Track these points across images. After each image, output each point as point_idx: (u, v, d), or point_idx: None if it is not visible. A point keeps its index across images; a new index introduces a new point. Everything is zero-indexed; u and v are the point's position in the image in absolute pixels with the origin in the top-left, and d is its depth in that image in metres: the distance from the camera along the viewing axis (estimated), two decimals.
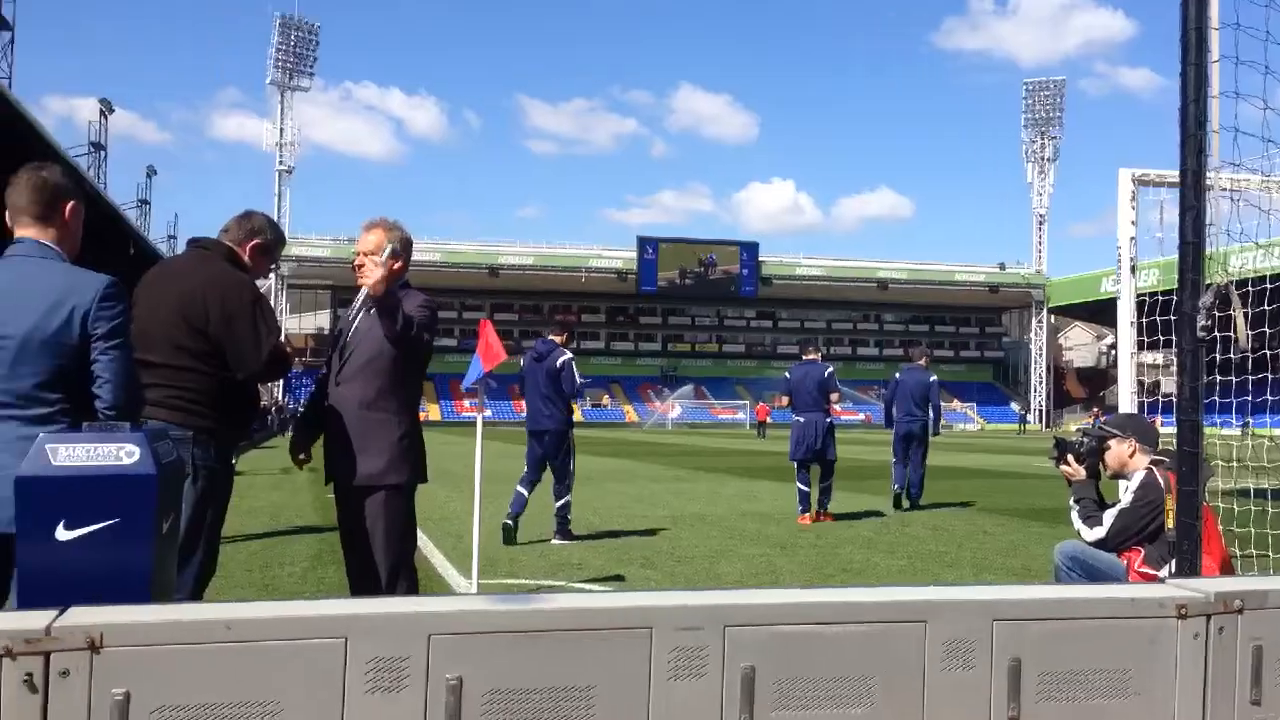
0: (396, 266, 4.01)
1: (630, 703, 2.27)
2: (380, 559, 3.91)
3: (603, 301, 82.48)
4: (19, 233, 2.93)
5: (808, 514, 10.76)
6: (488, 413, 8.57)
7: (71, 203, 3.02)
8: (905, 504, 12.24)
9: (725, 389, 79.69)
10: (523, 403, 9.41)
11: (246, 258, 3.87)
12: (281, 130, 73.84)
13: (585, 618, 2.31)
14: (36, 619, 2.02)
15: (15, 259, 2.90)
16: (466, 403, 66.06)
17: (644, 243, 79.09)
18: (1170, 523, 4.27)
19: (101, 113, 54.76)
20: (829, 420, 10.80)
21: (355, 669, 2.13)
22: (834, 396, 10.82)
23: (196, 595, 3.55)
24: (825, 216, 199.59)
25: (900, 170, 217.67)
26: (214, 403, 3.58)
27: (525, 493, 9.08)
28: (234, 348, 3.57)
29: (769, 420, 50.24)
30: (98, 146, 53.08)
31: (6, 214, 2.97)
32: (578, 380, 9.15)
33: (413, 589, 4.12)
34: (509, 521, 8.89)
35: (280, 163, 73.26)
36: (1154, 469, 4.53)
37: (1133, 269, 7.27)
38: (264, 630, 2.12)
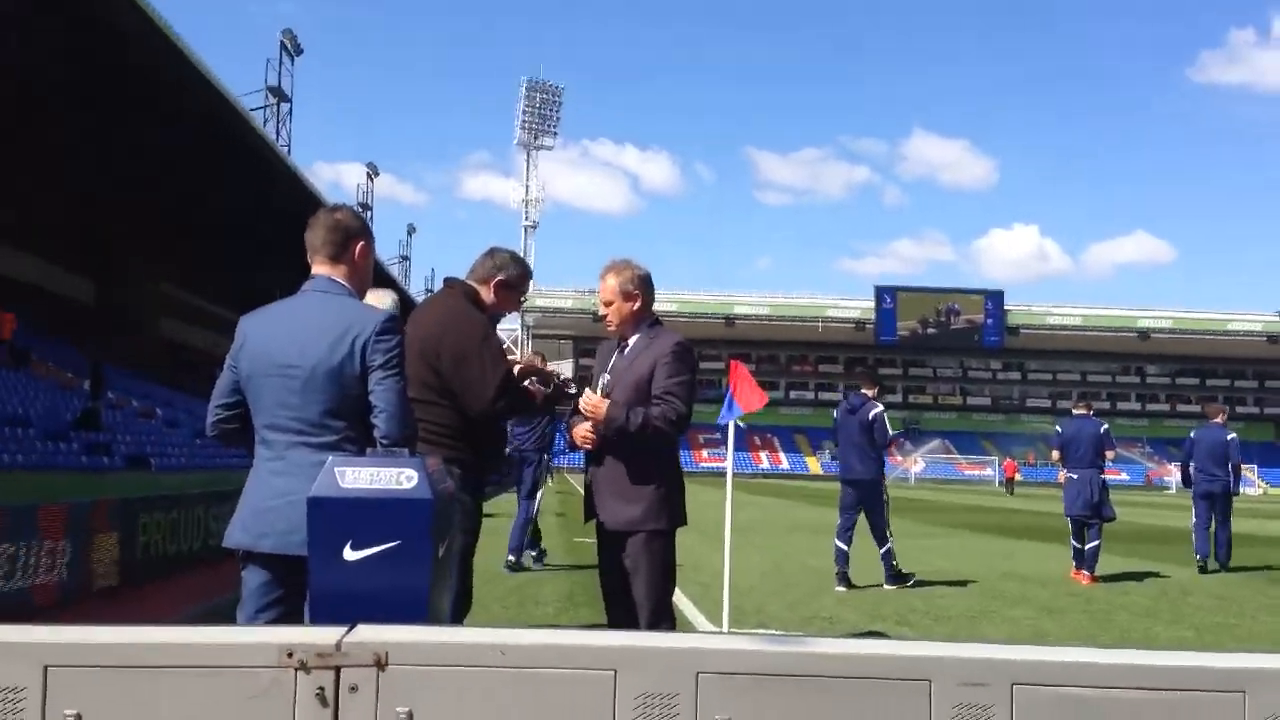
0: (635, 308, 4.02)
1: None
2: (642, 600, 3.89)
3: (840, 352, 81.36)
4: (315, 270, 3.13)
5: (1082, 570, 10.44)
6: (785, 464, 8.59)
7: (361, 243, 3.19)
8: (1214, 567, 11.58)
9: (970, 444, 76.54)
10: (761, 454, 9.75)
11: (491, 293, 3.96)
12: (527, 188, 77.70)
13: (861, 665, 2.18)
14: (328, 635, 2.10)
15: (308, 294, 3.10)
16: (704, 453, 66.51)
17: (882, 292, 77.67)
18: None
19: (368, 175, 59.44)
20: (1104, 477, 10.60)
21: (624, 702, 2.09)
22: (1109, 454, 10.68)
23: (456, 623, 3.64)
24: (1074, 263, 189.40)
25: (1156, 213, 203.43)
26: (459, 435, 3.67)
27: (845, 547, 9.46)
28: (463, 385, 3.66)
29: (1018, 477, 47.74)
30: (365, 207, 57.56)
31: (308, 254, 3.18)
32: (889, 431, 9.55)
33: (673, 630, 4.09)
34: (843, 569, 9.35)
35: (525, 218, 77.00)
36: None
37: None
38: (536, 657, 2.11)
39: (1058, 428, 11.12)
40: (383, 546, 2.47)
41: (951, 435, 76.82)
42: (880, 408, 9.56)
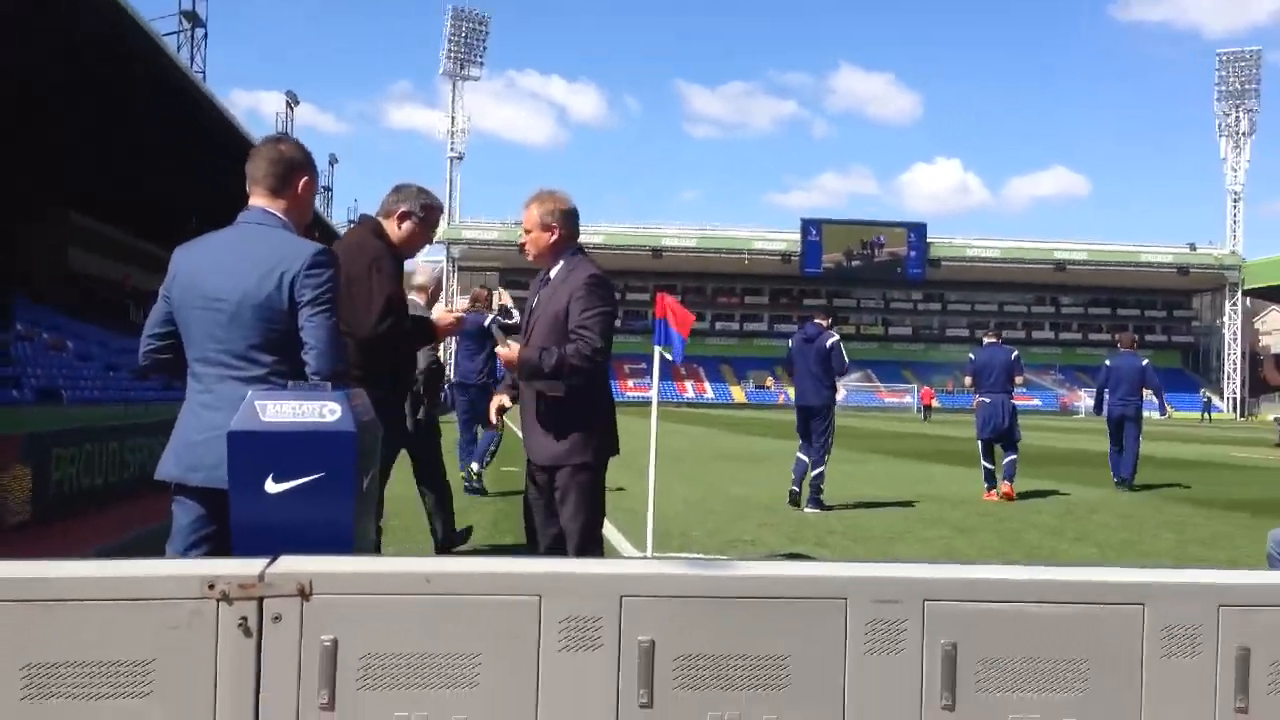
0: (553, 240, 4.00)
1: (825, 675, 2.19)
2: (570, 532, 3.92)
3: (766, 284, 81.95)
4: (251, 202, 3.05)
5: (994, 491, 11.00)
6: (710, 394, 8.74)
7: (305, 177, 3.12)
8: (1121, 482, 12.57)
9: (891, 372, 77.99)
10: (686, 383, 10.03)
11: (396, 226, 3.95)
12: (452, 119, 76.15)
13: (780, 585, 2.24)
14: (250, 566, 2.10)
15: (241, 226, 3.03)
16: (630, 382, 66.83)
17: (808, 224, 78.14)
18: None
19: (288, 104, 57.73)
20: (1013, 402, 11.23)
21: (549, 627, 2.13)
22: (1019, 379, 11.28)
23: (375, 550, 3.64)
24: (994, 197, 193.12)
25: (1075, 148, 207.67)
26: (359, 364, 3.63)
27: (805, 457, 10.02)
28: (349, 310, 3.61)
29: (935, 404, 48.86)
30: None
31: (247, 184, 3.10)
32: (846, 359, 10.05)
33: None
34: (795, 488, 9.86)
35: (451, 150, 75.58)
36: None
37: None
38: (462, 584, 2.14)
39: (971, 355, 11.62)
40: (306, 479, 2.46)
41: (874, 364, 78.14)
42: (836, 337, 10.00)
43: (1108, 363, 12.99)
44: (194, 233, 3.15)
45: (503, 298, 12.17)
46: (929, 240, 78.31)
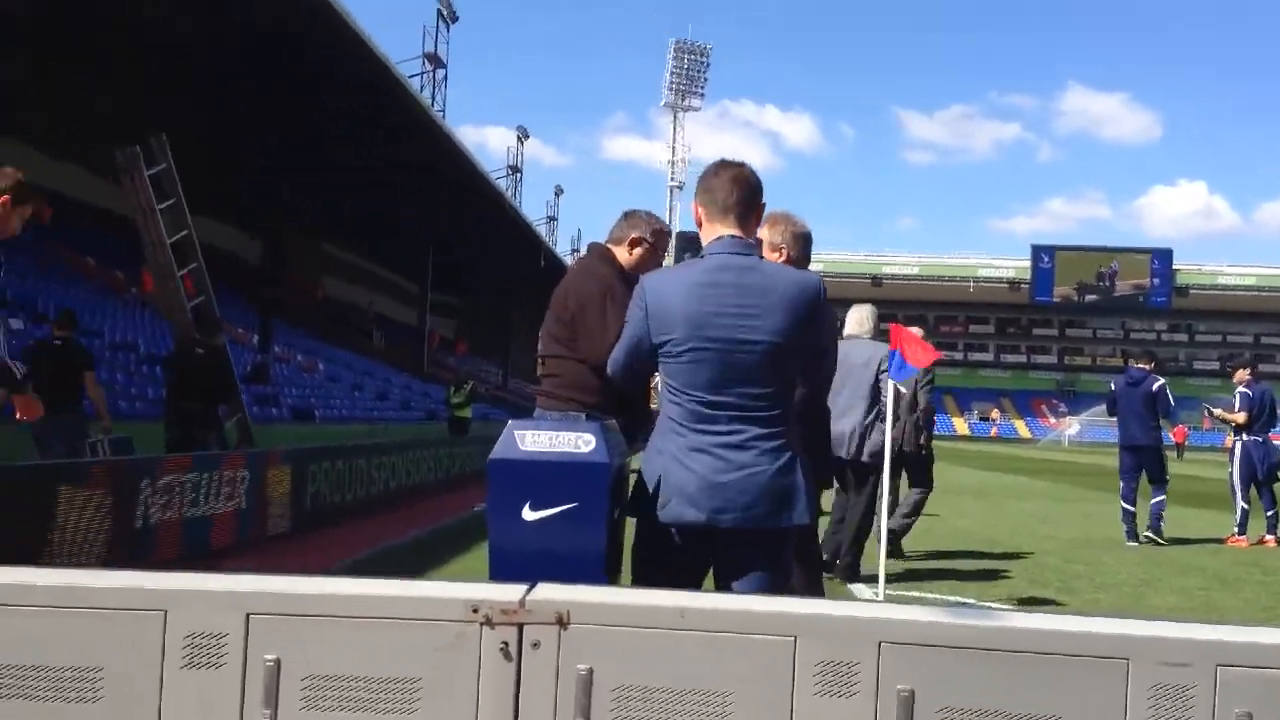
0: (782, 262, 3.93)
1: None
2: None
3: (992, 313, 78.84)
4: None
5: (1242, 536, 10.51)
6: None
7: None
8: None
9: None
10: None
11: (627, 252, 3.88)
12: (673, 148, 77.55)
13: (1051, 640, 2.10)
14: (511, 592, 2.14)
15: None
16: None
17: (1039, 251, 74.76)
18: None
19: (518, 139, 60.32)
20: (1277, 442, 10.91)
21: (803, 669, 2.07)
22: None
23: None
24: (1244, 221, 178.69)
25: None
26: (593, 390, 3.49)
27: (1130, 508, 10.27)
28: (582, 334, 3.55)
29: (1186, 442, 45.59)
30: (515, 169, 58.48)
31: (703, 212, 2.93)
32: (1172, 403, 10.58)
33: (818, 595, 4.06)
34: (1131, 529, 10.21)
35: (671, 179, 76.93)
36: None
37: None
38: (715, 621, 2.11)
39: (1246, 390, 10.93)
40: (560, 508, 2.50)
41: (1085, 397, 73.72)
42: (1162, 381, 10.41)
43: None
44: (434, 263, 3.23)
45: None
46: (1175, 267, 73.34)
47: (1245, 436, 10.79)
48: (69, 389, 8.10)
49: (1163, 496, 10.30)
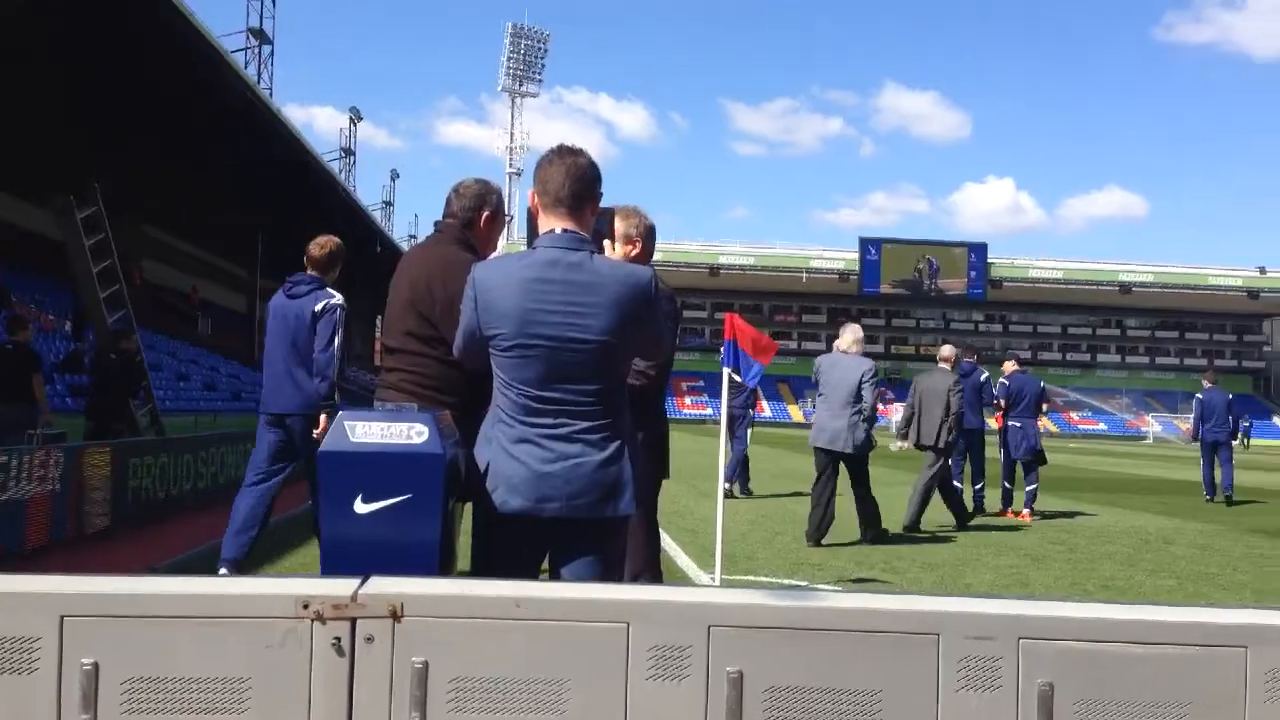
0: (634, 255, 4.01)
1: (917, 711, 2.15)
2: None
3: (823, 302, 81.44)
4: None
5: (1010, 510, 11.93)
6: (766, 411, 8.95)
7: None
8: (1220, 499, 14.42)
9: None
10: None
11: (483, 229, 3.75)
12: (511, 135, 76.91)
13: (870, 619, 2.20)
14: (343, 586, 2.11)
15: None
16: (688, 400, 66.75)
17: (866, 243, 77.58)
18: None
19: (351, 121, 58.65)
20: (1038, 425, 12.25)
21: (637, 654, 2.11)
22: (1045, 406, 12.72)
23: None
24: (1049, 216, 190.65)
25: (1129, 168, 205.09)
26: (451, 388, 3.46)
27: (959, 485, 11.32)
28: (451, 332, 3.31)
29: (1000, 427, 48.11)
30: (348, 152, 56.88)
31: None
32: (994, 391, 11.93)
33: (657, 581, 4.13)
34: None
35: (509, 165, 76.31)
36: None
37: None
38: (551, 610, 2.13)
39: (1004, 380, 12.21)
40: (394, 500, 2.47)
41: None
42: (987, 373, 11.90)
43: (1201, 397, 15.29)
44: (265, 248, 3.13)
45: None
46: (989, 260, 77.34)
47: (1007, 422, 12.10)
48: (22, 387, 9.79)
49: (983, 483, 11.73)
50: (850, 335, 9.00)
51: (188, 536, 8.34)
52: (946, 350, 11.05)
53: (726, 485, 11.14)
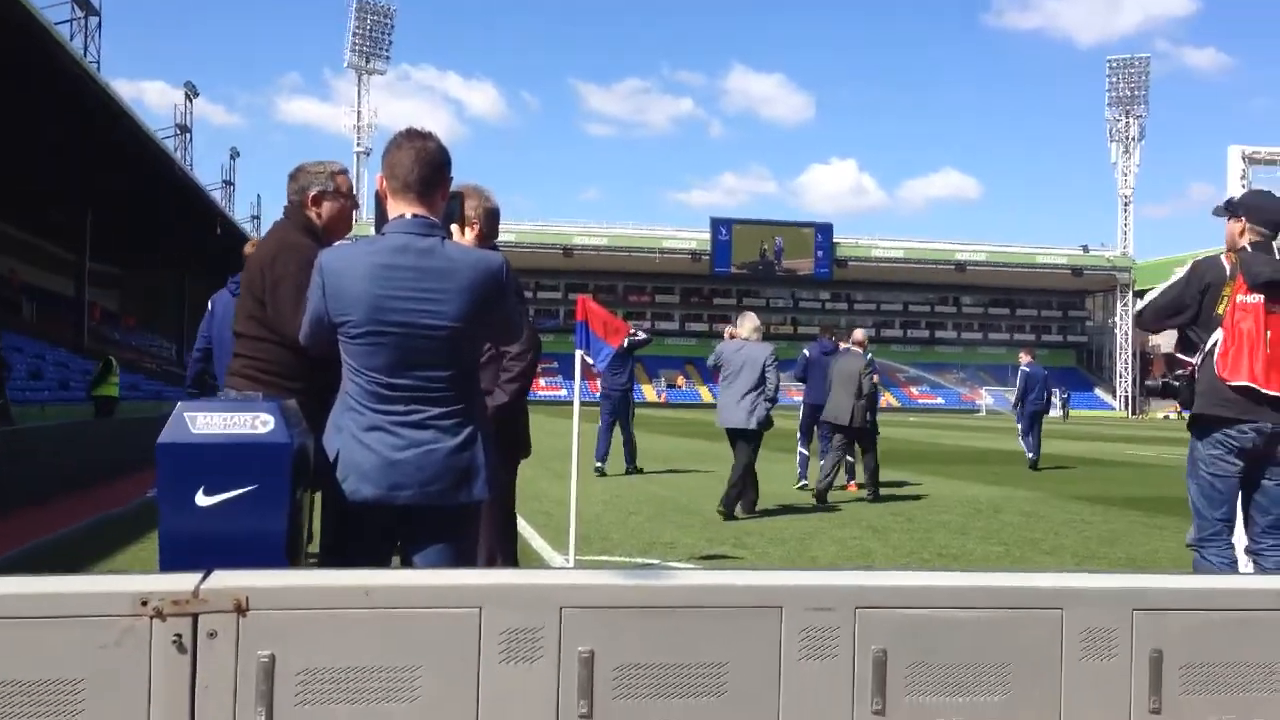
0: (474, 236, 3.96)
1: (761, 681, 2.24)
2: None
3: (677, 283, 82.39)
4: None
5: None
6: (561, 391, 9.05)
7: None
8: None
9: None
10: (598, 382, 13.28)
11: (316, 212, 3.64)
12: (358, 113, 74.85)
13: (718, 595, 2.28)
14: (184, 581, 2.05)
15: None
16: (542, 381, 66.65)
17: (717, 224, 78.77)
18: (1221, 309, 4.16)
19: (187, 96, 56.11)
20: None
21: (490, 638, 2.13)
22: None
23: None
24: (890, 198, 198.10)
25: (962, 151, 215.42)
26: (293, 374, 3.36)
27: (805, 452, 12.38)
28: (275, 314, 3.36)
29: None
30: (183, 129, 54.40)
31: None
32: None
33: (512, 565, 4.16)
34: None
35: (358, 144, 74.28)
36: (1242, 252, 4.29)
37: None
38: (402, 597, 2.13)
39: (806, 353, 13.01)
40: (238, 491, 2.42)
41: (782, 363, 78.89)
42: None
43: (1027, 370, 16.60)
44: (93, 229, 3.01)
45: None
46: (835, 240, 79.64)
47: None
48: None
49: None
50: (750, 323, 9.73)
51: (13, 535, 7.91)
52: (859, 334, 12.04)
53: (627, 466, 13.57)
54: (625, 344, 12.13)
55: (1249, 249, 4.28)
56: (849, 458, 12.28)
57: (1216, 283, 4.29)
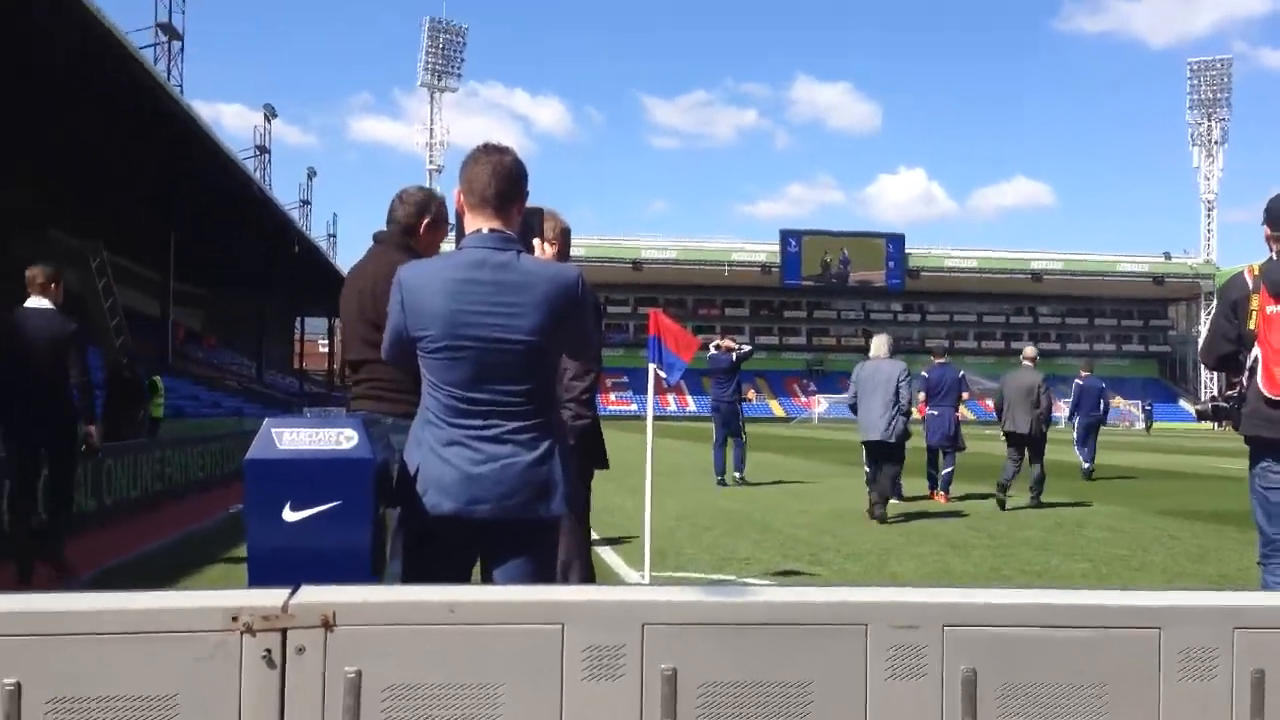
0: (550, 256, 4.01)
1: (846, 701, 2.20)
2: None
3: (746, 295, 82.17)
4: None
5: (939, 492, 12.68)
6: (692, 406, 9.20)
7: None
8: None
9: None
10: (669, 396, 12.38)
11: (424, 235, 3.78)
12: (431, 131, 76.06)
13: (801, 612, 2.25)
14: (273, 597, 2.08)
15: None
16: (612, 395, 66.90)
17: (787, 236, 78.49)
18: (1252, 323, 3.99)
19: (266, 118, 57.59)
20: (957, 414, 13.20)
21: (572, 655, 2.13)
22: (965, 395, 13.34)
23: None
24: (960, 207, 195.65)
25: (1034, 157, 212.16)
26: (413, 390, 3.34)
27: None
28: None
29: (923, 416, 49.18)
30: (262, 150, 55.79)
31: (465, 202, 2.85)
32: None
33: (589, 581, 4.16)
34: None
35: (430, 162, 75.46)
36: (1266, 262, 4.11)
37: None
38: (484, 614, 2.13)
39: (924, 373, 12.96)
40: (323, 507, 2.45)
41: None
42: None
43: (1079, 383, 16.74)
44: (178, 251, 3.08)
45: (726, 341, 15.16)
46: (907, 251, 78.76)
47: (923, 409, 12.93)
48: None
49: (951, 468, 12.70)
50: (884, 342, 10.72)
51: (108, 550, 8.13)
52: (1031, 351, 13.41)
53: (737, 475, 14.14)
54: (734, 358, 13.92)
55: (1273, 257, 4.13)
56: (931, 469, 12.78)
57: (1242, 299, 4.15)
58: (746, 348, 14.81)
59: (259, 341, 43.00)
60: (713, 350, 14.14)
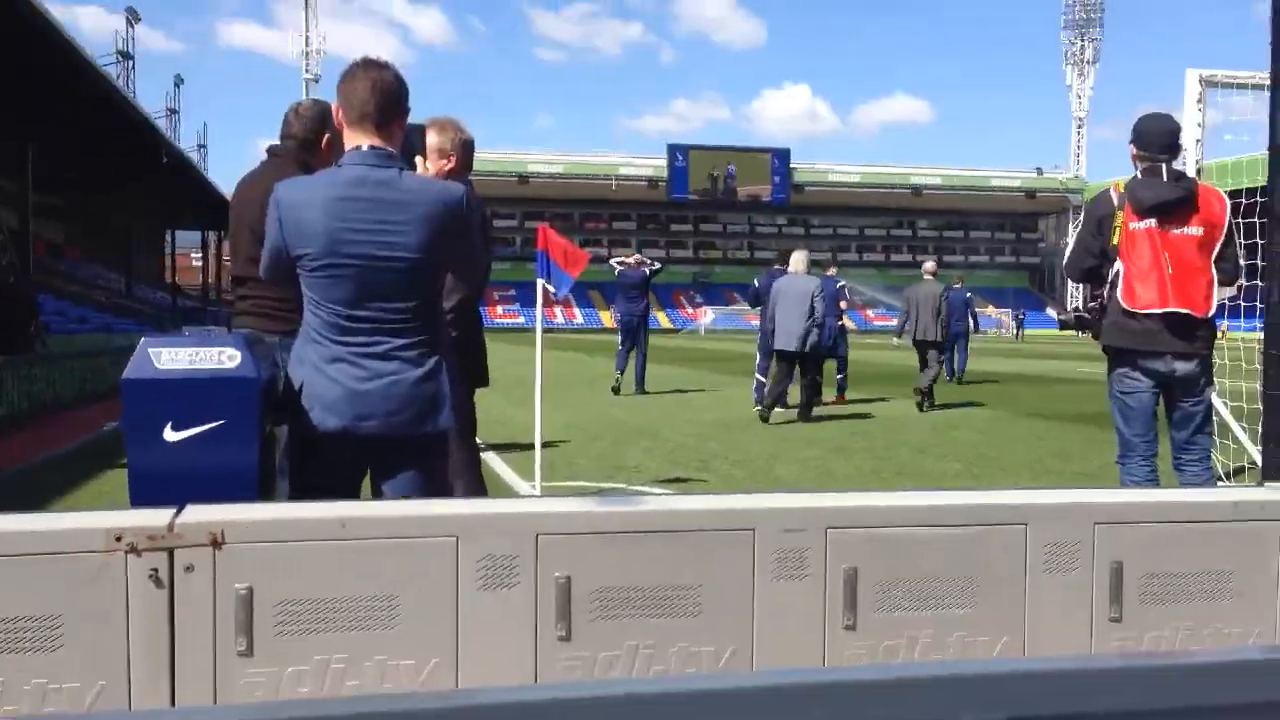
0: (449, 169, 3.93)
1: (735, 603, 2.28)
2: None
3: (633, 209, 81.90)
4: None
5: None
6: (579, 319, 9.19)
7: None
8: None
9: None
10: (556, 309, 12.52)
11: (323, 151, 3.67)
12: (306, 39, 73.02)
13: (689, 519, 2.32)
14: (159, 516, 2.05)
15: None
16: (499, 309, 66.45)
17: (674, 150, 78.22)
18: (1115, 239, 4.29)
19: (128, 21, 54.24)
20: (840, 323, 13.60)
21: (467, 567, 2.15)
22: (843, 304, 13.66)
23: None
24: (843, 123, 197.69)
25: (913, 75, 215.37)
26: (298, 308, 3.48)
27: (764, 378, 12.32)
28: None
29: None
30: (126, 56, 52.73)
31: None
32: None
33: (479, 493, 4.18)
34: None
35: (306, 71, 72.56)
36: (1130, 180, 4.38)
37: (1198, 171, 7.13)
38: (378, 528, 2.14)
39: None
40: (207, 426, 2.40)
41: (740, 288, 79.35)
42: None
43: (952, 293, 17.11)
44: (35, 161, 2.94)
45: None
46: (791, 166, 79.40)
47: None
48: None
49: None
50: (802, 258, 11.30)
51: None
52: (930, 265, 13.96)
53: (634, 388, 14.30)
54: (649, 272, 14.46)
55: (1138, 175, 4.35)
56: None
57: (1107, 215, 4.37)
58: (657, 265, 15.13)
59: (127, 255, 41.17)
60: (619, 266, 14.43)
